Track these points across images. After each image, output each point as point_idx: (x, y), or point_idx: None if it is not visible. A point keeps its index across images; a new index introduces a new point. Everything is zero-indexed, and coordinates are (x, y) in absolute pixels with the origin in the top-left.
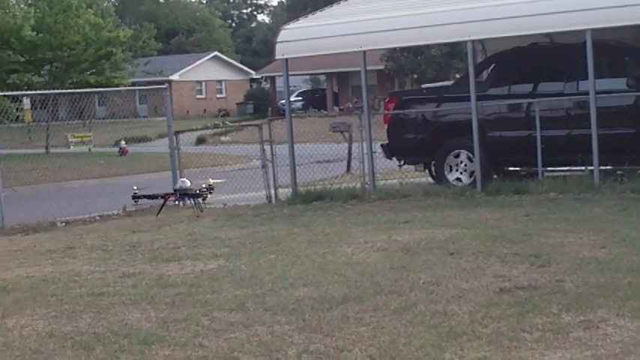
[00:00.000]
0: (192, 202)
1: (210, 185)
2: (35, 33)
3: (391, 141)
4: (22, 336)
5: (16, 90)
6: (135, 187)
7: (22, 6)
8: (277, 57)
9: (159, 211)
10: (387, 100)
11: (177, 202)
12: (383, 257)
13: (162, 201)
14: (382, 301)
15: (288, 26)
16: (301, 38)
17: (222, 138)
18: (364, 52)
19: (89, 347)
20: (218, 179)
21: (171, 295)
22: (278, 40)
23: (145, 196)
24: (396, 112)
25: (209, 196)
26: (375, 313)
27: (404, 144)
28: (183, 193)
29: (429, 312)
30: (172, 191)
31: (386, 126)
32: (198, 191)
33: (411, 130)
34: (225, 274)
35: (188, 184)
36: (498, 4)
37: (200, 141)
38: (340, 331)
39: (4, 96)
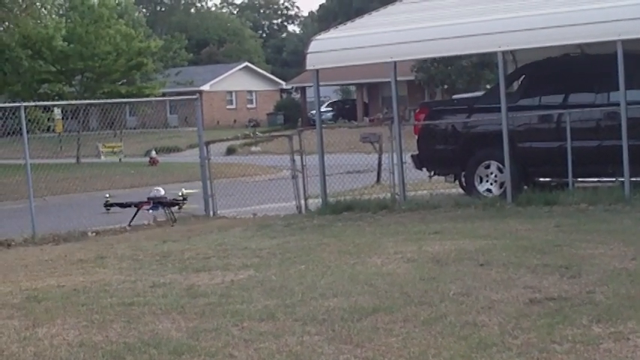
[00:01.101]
0: (166, 211)
1: (183, 195)
2: (67, 43)
3: (421, 152)
4: (52, 345)
5: (48, 100)
6: (107, 195)
7: (54, 16)
8: (308, 68)
9: (131, 220)
10: (417, 110)
11: (150, 211)
12: (413, 268)
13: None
14: (412, 312)
15: (318, 37)
16: (332, 49)
17: (253, 148)
18: (395, 62)
19: (120, 357)
20: (192, 190)
21: (201, 305)
22: (309, 50)
23: (117, 204)
24: (427, 122)
25: (184, 205)
26: (405, 324)
27: (434, 155)
28: (157, 202)
29: (458, 323)
30: (146, 200)
31: (416, 137)
32: (172, 200)
33: (441, 141)
34: (256, 284)
35: (162, 192)
36: (529, 15)
37: (230, 151)
38: (370, 341)
39: (36, 106)
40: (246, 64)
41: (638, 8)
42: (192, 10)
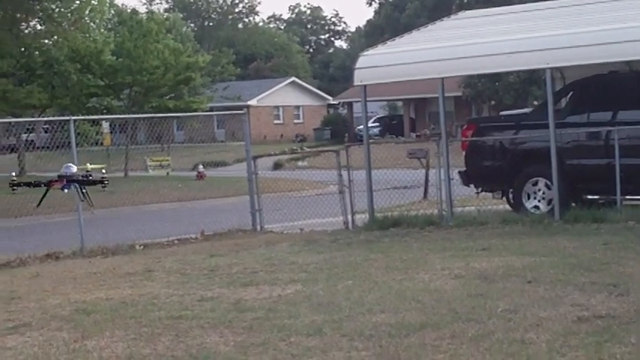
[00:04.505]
0: (80, 190)
1: (88, 170)
2: (115, 57)
3: (469, 168)
4: (101, 358)
5: (96, 114)
6: (13, 173)
7: (103, 31)
8: (355, 83)
9: (40, 201)
10: (465, 127)
11: (65, 190)
12: (460, 284)
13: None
14: (460, 329)
15: (366, 53)
16: (380, 65)
17: (299, 163)
18: (442, 79)
19: None
20: (99, 165)
21: (249, 320)
22: (356, 66)
23: (25, 184)
24: (474, 139)
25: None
26: (453, 340)
27: (482, 171)
28: (70, 180)
29: (506, 340)
30: (57, 178)
31: (464, 153)
32: (89, 178)
33: (488, 157)
34: (303, 299)
35: (74, 169)
36: (577, 32)
37: (277, 166)
38: (417, 358)
39: (84, 120)
40: (294, 79)
41: None
42: (240, 25)
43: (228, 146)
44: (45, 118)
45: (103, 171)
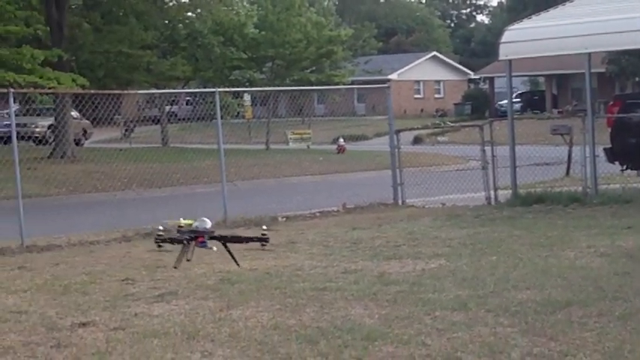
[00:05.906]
0: (226, 247)
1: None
2: (258, 31)
3: (614, 145)
4: (247, 327)
5: (238, 87)
6: (160, 227)
7: (246, 4)
8: (500, 58)
9: (179, 259)
10: (611, 103)
11: (202, 247)
12: (606, 262)
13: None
14: (606, 307)
15: (512, 27)
16: (525, 39)
17: (439, 138)
18: (589, 54)
19: (313, 341)
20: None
21: (392, 293)
22: (502, 40)
23: (170, 240)
24: (620, 115)
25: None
26: (600, 318)
27: (627, 148)
28: (213, 237)
29: None
30: (201, 234)
31: (609, 129)
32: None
33: (634, 135)
34: (447, 273)
35: (209, 225)
36: None
37: (417, 140)
38: (564, 335)
39: (227, 92)
40: (435, 53)
41: None
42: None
43: (369, 120)
44: (190, 90)
45: (264, 227)
